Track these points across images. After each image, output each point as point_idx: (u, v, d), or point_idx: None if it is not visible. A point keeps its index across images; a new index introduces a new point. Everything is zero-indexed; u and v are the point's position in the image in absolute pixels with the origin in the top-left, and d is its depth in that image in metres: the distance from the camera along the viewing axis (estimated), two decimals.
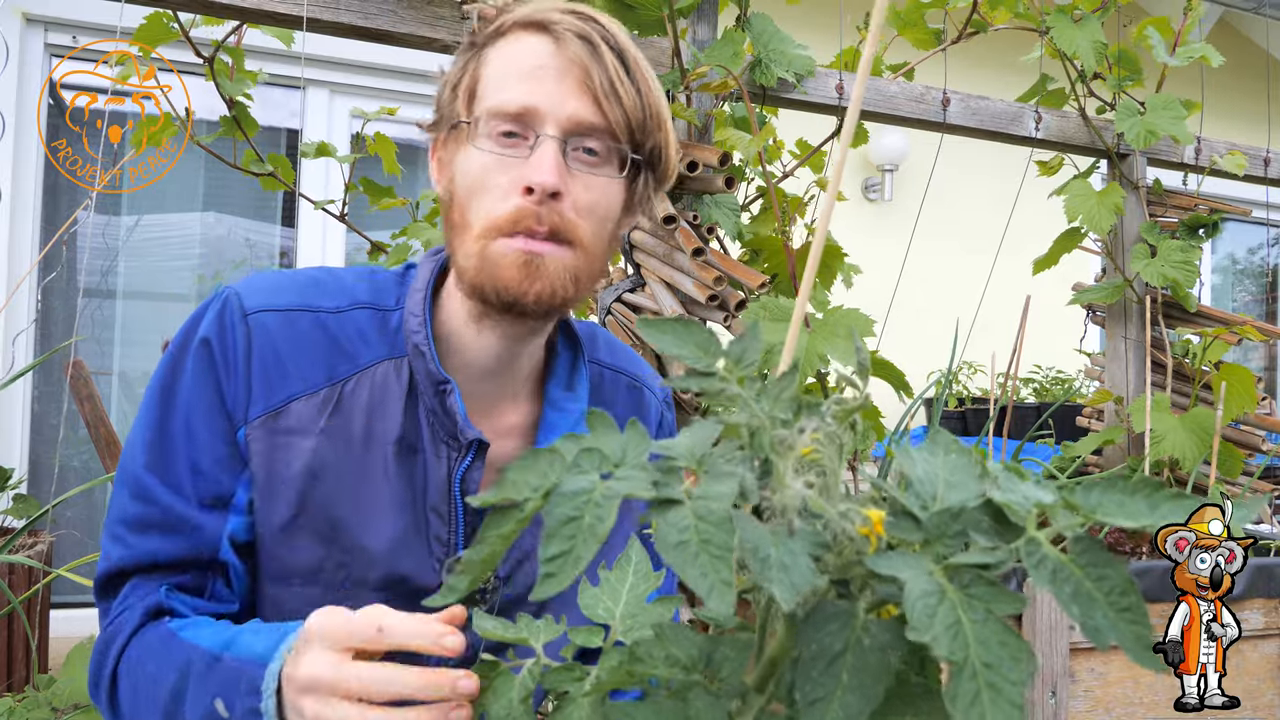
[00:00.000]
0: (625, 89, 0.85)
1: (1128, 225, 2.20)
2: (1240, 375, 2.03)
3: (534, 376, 0.98)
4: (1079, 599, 0.37)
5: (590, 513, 0.40)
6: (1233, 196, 2.52)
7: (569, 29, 0.84)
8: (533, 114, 0.84)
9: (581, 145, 0.85)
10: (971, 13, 1.97)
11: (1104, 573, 0.37)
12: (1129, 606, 0.36)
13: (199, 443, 0.84)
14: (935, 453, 0.45)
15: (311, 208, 1.98)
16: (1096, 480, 0.40)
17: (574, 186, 0.85)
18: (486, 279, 0.84)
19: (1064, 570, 0.37)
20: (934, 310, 3.36)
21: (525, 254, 0.83)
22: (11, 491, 2.41)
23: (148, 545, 0.83)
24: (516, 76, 0.85)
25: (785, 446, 0.42)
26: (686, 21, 1.72)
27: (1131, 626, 0.36)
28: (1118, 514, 0.39)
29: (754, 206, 1.89)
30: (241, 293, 0.87)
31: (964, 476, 0.44)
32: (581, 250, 0.86)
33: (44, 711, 1.86)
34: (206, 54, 1.76)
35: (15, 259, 3.19)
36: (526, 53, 0.85)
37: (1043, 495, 0.41)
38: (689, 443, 0.44)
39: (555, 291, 0.85)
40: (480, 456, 0.89)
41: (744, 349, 0.48)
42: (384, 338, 0.90)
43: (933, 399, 3.04)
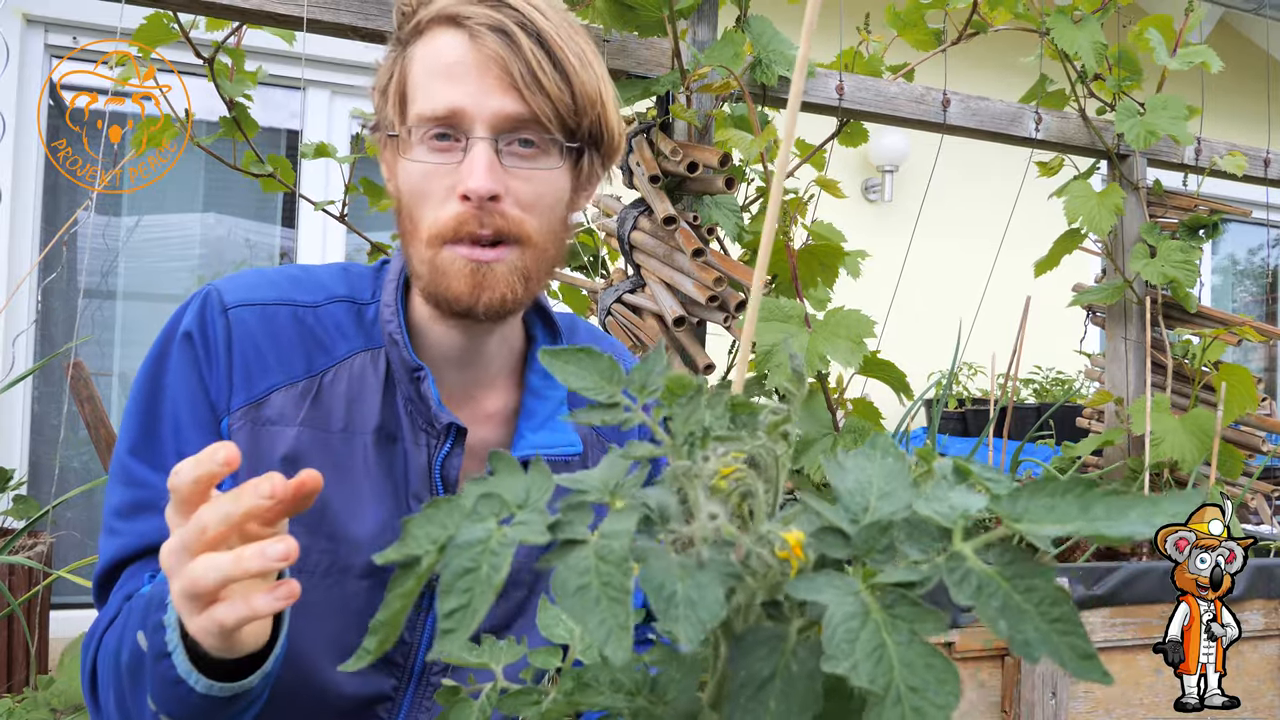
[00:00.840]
0: (547, 77, 0.83)
1: (1128, 226, 2.20)
2: (1240, 376, 2.03)
3: (512, 364, 0.99)
4: (1006, 613, 0.34)
5: (486, 562, 0.38)
6: (1233, 197, 2.52)
7: (482, 22, 0.83)
8: (459, 116, 0.83)
9: (514, 139, 0.84)
10: (971, 13, 1.97)
11: (1032, 583, 0.35)
12: (1060, 617, 0.34)
13: (184, 431, 0.84)
14: (872, 458, 0.43)
15: (311, 208, 1.98)
16: (1026, 484, 0.38)
17: (513, 184, 0.84)
18: (438, 288, 0.85)
19: (990, 584, 0.35)
20: (934, 311, 3.36)
21: (472, 263, 0.84)
22: (12, 492, 2.41)
23: (140, 529, 0.83)
24: (438, 78, 0.84)
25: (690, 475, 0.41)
26: (686, 22, 1.72)
27: (1065, 638, 0.34)
28: (1046, 519, 0.36)
29: (754, 207, 1.89)
30: (222, 289, 0.88)
31: (897, 485, 0.41)
32: (530, 247, 0.86)
33: (43, 712, 1.86)
34: (206, 54, 1.76)
35: (15, 259, 3.19)
36: (444, 51, 0.84)
37: (970, 503, 0.38)
38: (602, 474, 0.43)
39: (505, 297, 0.85)
40: (459, 443, 0.90)
41: (647, 375, 0.46)
42: (360, 330, 0.91)
43: (933, 400, 3.05)
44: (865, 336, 1.56)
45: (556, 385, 0.98)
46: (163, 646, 0.66)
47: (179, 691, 0.66)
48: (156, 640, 0.66)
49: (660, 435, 0.44)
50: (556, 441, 0.95)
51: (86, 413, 1.88)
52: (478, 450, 0.95)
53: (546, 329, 1.02)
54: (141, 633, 0.69)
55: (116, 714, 0.74)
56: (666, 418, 0.45)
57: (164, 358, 0.86)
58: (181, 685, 0.65)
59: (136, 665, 0.70)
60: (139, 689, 0.70)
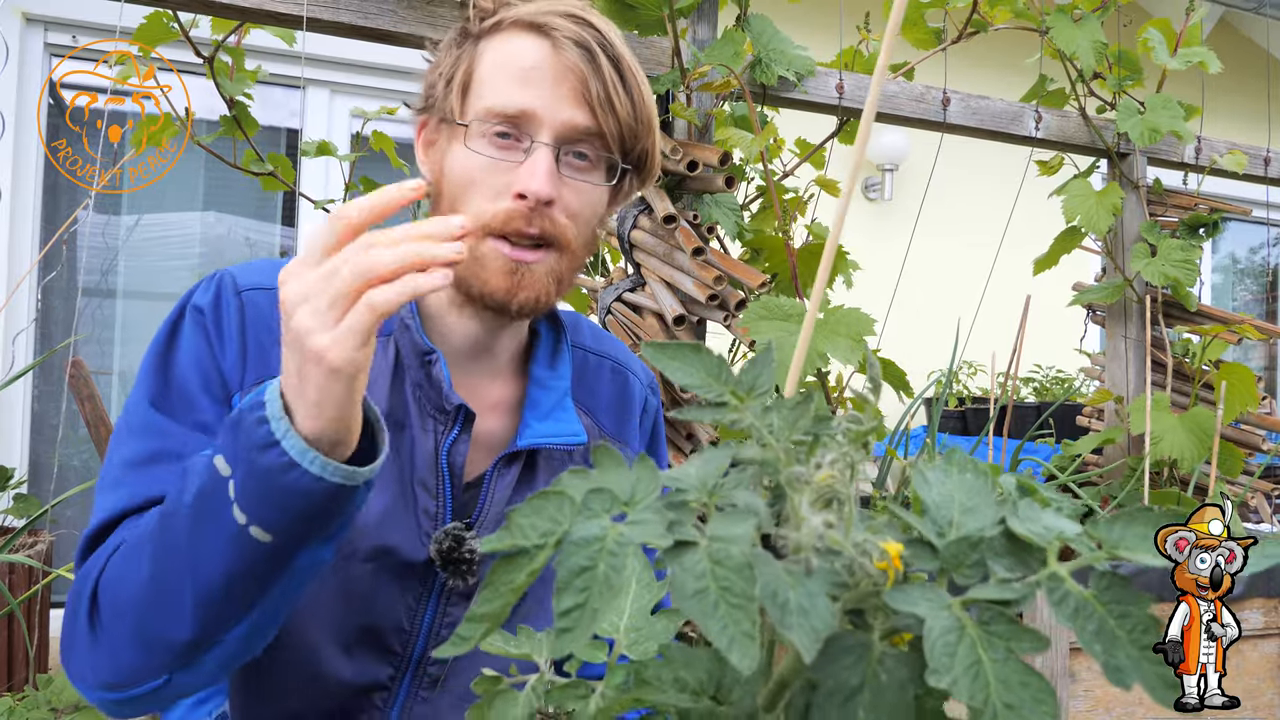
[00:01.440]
0: (620, 99, 0.86)
1: (1128, 225, 2.20)
2: (1240, 374, 2.03)
3: (517, 356, 1.00)
4: (1101, 637, 0.35)
5: (605, 562, 0.37)
6: (1233, 196, 2.52)
7: (567, 35, 0.85)
8: (528, 118, 0.85)
9: (573, 151, 0.87)
10: (971, 12, 1.97)
11: (1127, 610, 0.36)
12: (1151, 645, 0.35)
13: (196, 395, 0.84)
14: (950, 473, 0.43)
15: (312, 207, 1.98)
16: (1120, 513, 0.39)
17: (564, 192, 0.87)
18: (473, 278, 0.87)
19: (1087, 608, 0.36)
20: (934, 310, 3.36)
21: (512, 262, 0.86)
22: (12, 491, 2.41)
23: (154, 477, 0.80)
24: (512, 78, 0.85)
25: (802, 482, 0.40)
26: (687, 21, 1.72)
27: (1154, 667, 0.35)
28: (1140, 549, 0.37)
29: (754, 206, 1.89)
30: (235, 274, 0.89)
31: (980, 500, 0.42)
32: (568, 253, 0.89)
33: (43, 711, 1.86)
34: (206, 54, 1.76)
35: (15, 259, 3.19)
36: (523, 54, 0.86)
37: (1065, 527, 0.39)
38: (699, 472, 0.42)
39: (539, 298, 0.88)
40: (466, 429, 0.90)
41: (756, 376, 0.46)
42: None
43: (933, 398, 3.05)
44: (865, 334, 1.56)
45: (560, 376, 0.99)
46: (268, 437, 0.64)
47: (288, 480, 0.64)
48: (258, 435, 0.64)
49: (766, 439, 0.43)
50: (560, 431, 0.96)
51: (86, 411, 1.88)
52: (482, 439, 0.95)
53: (549, 323, 1.03)
54: (221, 457, 0.67)
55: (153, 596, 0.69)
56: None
57: (176, 332, 0.87)
58: (293, 470, 0.64)
59: (208, 495, 0.67)
60: (211, 522, 0.66)
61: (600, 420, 1.04)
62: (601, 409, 1.05)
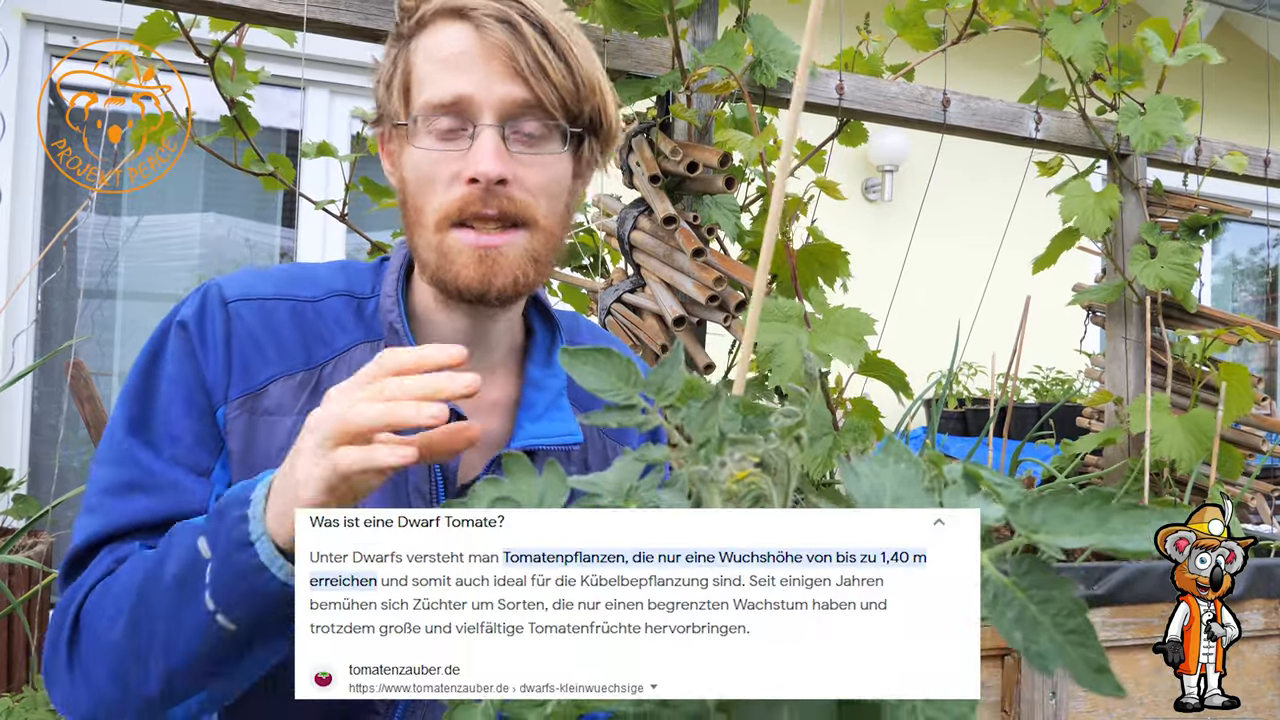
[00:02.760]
0: (552, 64, 0.85)
1: (1128, 226, 2.20)
2: (1238, 374, 2.03)
3: (513, 355, 1.00)
4: (1022, 624, 0.34)
5: None
6: (1233, 197, 2.52)
7: (488, 13, 0.85)
8: (465, 103, 0.85)
9: (519, 128, 0.86)
10: (971, 13, 1.97)
11: (1049, 594, 0.34)
12: (1075, 629, 0.34)
13: (179, 418, 0.85)
14: (886, 464, 0.43)
15: (312, 208, 1.98)
16: (1043, 494, 0.38)
17: (519, 170, 0.86)
18: (447, 274, 0.87)
19: (1006, 594, 0.35)
20: (934, 311, 3.36)
21: (480, 249, 0.85)
22: (11, 492, 2.41)
23: (130, 507, 0.82)
24: (443, 67, 0.86)
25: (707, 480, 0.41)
26: (687, 22, 1.72)
27: (1079, 650, 0.33)
28: (1064, 530, 0.36)
29: (754, 207, 1.89)
30: (222, 284, 0.90)
31: (911, 490, 0.41)
32: (539, 230, 0.88)
33: (43, 711, 1.86)
34: (207, 54, 1.76)
35: (15, 259, 3.19)
36: (449, 42, 0.86)
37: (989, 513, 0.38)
38: (616, 477, 0.43)
39: (516, 280, 0.87)
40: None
41: (664, 378, 0.46)
42: (360, 323, 0.92)
43: (933, 399, 3.04)
44: (865, 335, 1.56)
45: (555, 376, 0.99)
46: (244, 536, 0.67)
47: (257, 582, 0.67)
48: (236, 533, 0.67)
49: (676, 439, 0.44)
50: (556, 432, 0.95)
51: (86, 412, 1.88)
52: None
53: (545, 323, 1.02)
54: (204, 538, 0.70)
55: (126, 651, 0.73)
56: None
57: (160, 346, 0.87)
58: (263, 574, 0.66)
59: (188, 574, 0.70)
60: (186, 600, 0.70)
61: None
62: (599, 409, 1.05)
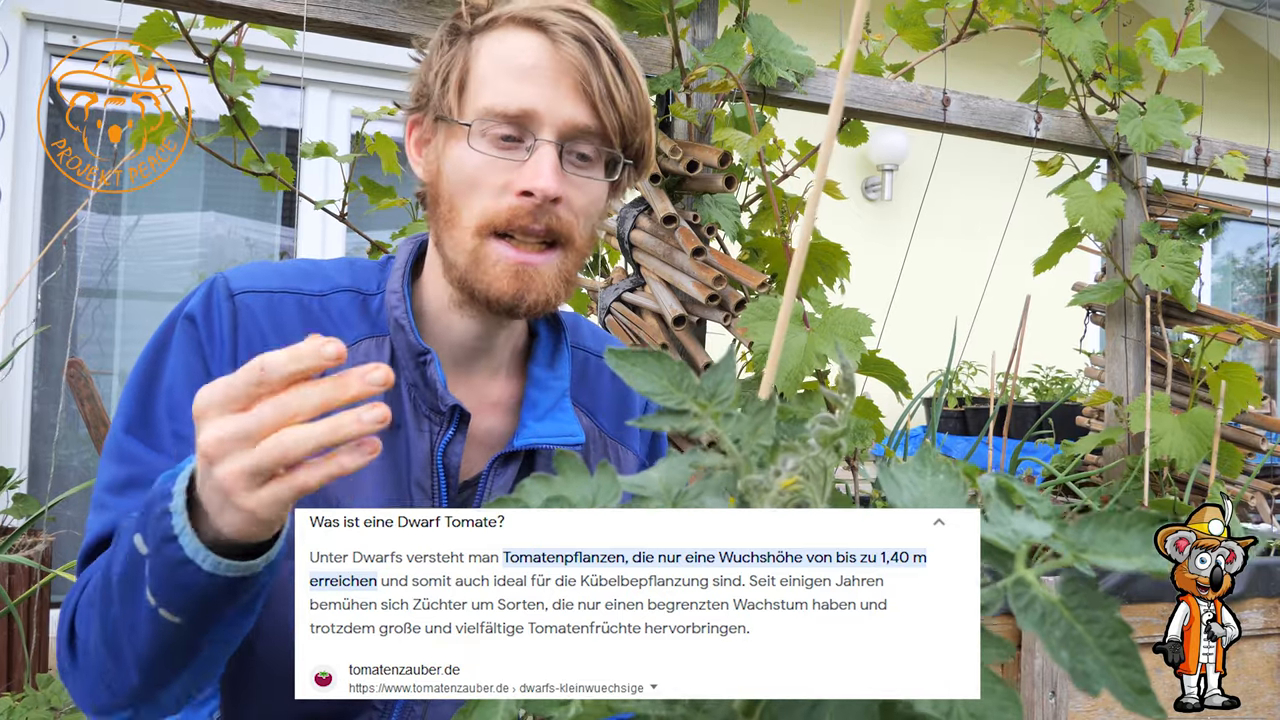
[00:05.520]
0: (621, 94, 0.86)
1: (1128, 225, 2.20)
2: (1241, 372, 2.03)
3: (516, 354, 1.00)
4: (1068, 643, 0.34)
5: None
6: (1233, 196, 2.52)
7: (566, 30, 0.85)
8: (530, 117, 0.85)
9: (575, 149, 0.87)
10: (971, 13, 1.97)
11: (1095, 615, 0.35)
12: (1120, 650, 0.34)
13: (182, 411, 0.84)
14: (924, 474, 0.43)
15: (311, 207, 1.98)
16: (1090, 515, 0.38)
17: (569, 190, 0.86)
18: (478, 282, 0.86)
19: (1054, 613, 0.35)
20: (934, 310, 3.36)
21: (517, 265, 0.85)
22: (11, 491, 2.41)
23: (130, 505, 0.82)
24: (512, 76, 0.85)
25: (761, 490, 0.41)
26: (686, 21, 1.72)
27: (1123, 670, 0.34)
28: (1111, 553, 0.36)
29: (754, 206, 1.89)
30: (229, 277, 0.90)
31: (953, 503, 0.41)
32: (573, 251, 0.89)
33: (43, 711, 1.86)
34: (207, 54, 1.76)
35: (15, 259, 3.19)
36: (522, 51, 0.85)
37: (1034, 530, 0.38)
38: (662, 478, 0.43)
39: (549, 299, 0.88)
40: (462, 430, 0.90)
41: (718, 383, 0.45)
42: (365, 318, 0.92)
43: (932, 399, 3.05)
44: (864, 335, 1.55)
45: (558, 376, 0.99)
46: (168, 530, 0.65)
47: (184, 574, 0.65)
48: (162, 526, 0.65)
49: (728, 447, 0.43)
50: (558, 431, 0.96)
51: (86, 412, 1.88)
52: (480, 438, 0.96)
53: (549, 324, 1.03)
54: (139, 535, 0.68)
55: (103, 648, 0.74)
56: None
57: (166, 339, 0.88)
58: (188, 566, 0.64)
59: (132, 571, 0.69)
60: (133, 595, 0.69)
61: (600, 422, 1.04)
62: (602, 411, 1.05)
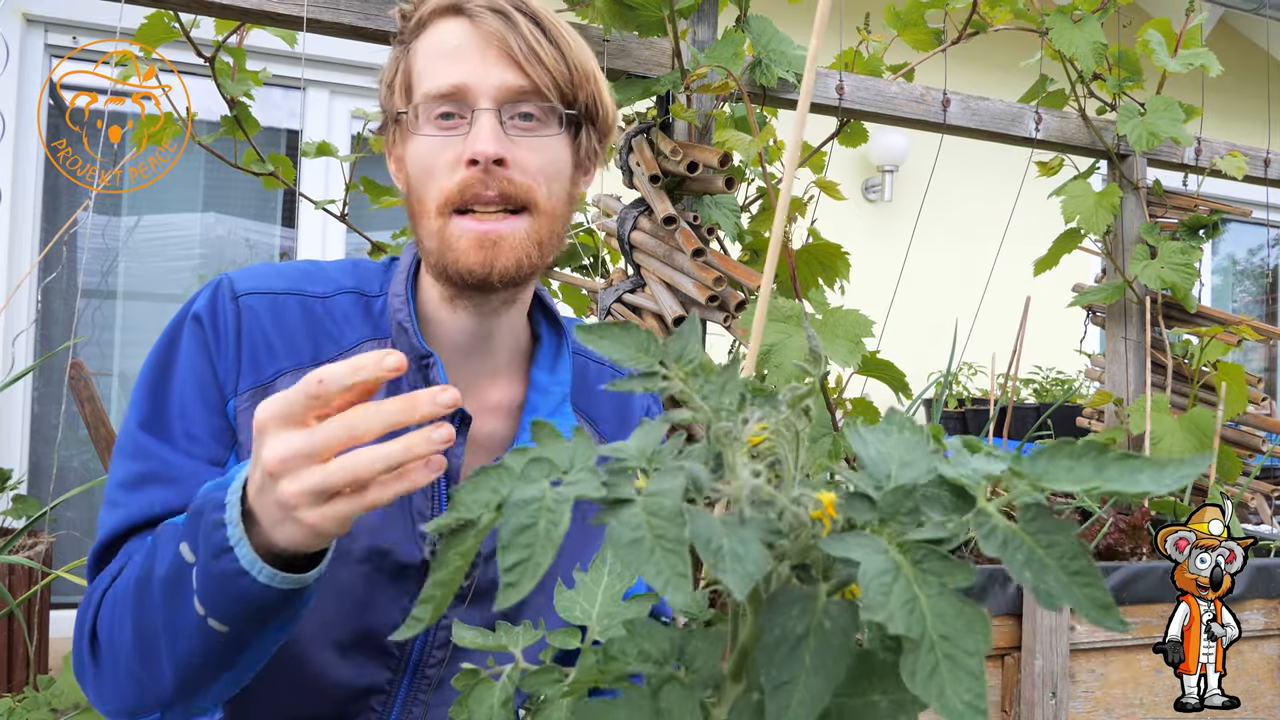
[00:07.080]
0: (545, 50, 0.88)
1: (1128, 226, 2.20)
2: (1234, 375, 2.04)
3: (518, 357, 1.00)
4: (1030, 565, 0.37)
5: (544, 518, 0.40)
6: (1233, 197, 2.52)
7: (482, 5, 0.88)
8: (463, 91, 0.87)
9: (516, 112, 0.88)
10: (971, 13, 1.97)
11: (1054, 539, 0.37)
12: (1080, 570, 0.37)
13: (193, 411, 0.86)
14: (889, 433, 0.46)
15: (312, 207, 1.98)
16: (1043, 448, 0.40)
17: (518, 152, 0.88)
18: (449, 262, 0.88)
19: (1014, 538, 0.38)
20: (934, 311, 3.36)
21: (480, 235, 0.87)
22: (11, 492, 2.41)
23: (146, 499, 0.83)
24: (441, 60, 0.88)
25: (731, 438, 0.43)
26: (687, 22, 1.72)
27: (1084, 589, 0.36)
28: (1065, 480, 0.39)
29: (754, 207, 1.89)
30: (234, 278, 0.91)
31: (917, 454, 0.44)
32: (540, 213, 0.90)
33: (43, 712, 1.86)
34: (207, 54, 1.76)
35: (15, 259, 3.19)
36: (447, 37, 0.89)
37: (991, 467, 0.41)
38: (638, 443, 0.45)
39: (520, 262, 0.88)
40: (463, 433, 0.90)
41: (683, 346, 0.48)
42: (368, 320, 0.94)
43: (932, 400, 3.05)
44: (864, 336, 1.56)
45: (560, 381, 0.99)
46: (223, 542, 0.65)
47: (238, 586, 0.65)
48: (215, 538, 0.65)
49: (698, 404, 0.46)
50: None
51: (86, 413, 1.88)
52: (481, 442, 0.96)
53: (551, 327, 1.03)
54: (185, 543, 0.69)
55: (134, 653, 0.74)
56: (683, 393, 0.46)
57: (174, 339, 0.89)
58: (244, 578, 0.65)
59: (176, 578, 0.69)
60: (178, 603, 0.69)
61: (600, 429, 1.04)
62: (602, 417, 1.05)
